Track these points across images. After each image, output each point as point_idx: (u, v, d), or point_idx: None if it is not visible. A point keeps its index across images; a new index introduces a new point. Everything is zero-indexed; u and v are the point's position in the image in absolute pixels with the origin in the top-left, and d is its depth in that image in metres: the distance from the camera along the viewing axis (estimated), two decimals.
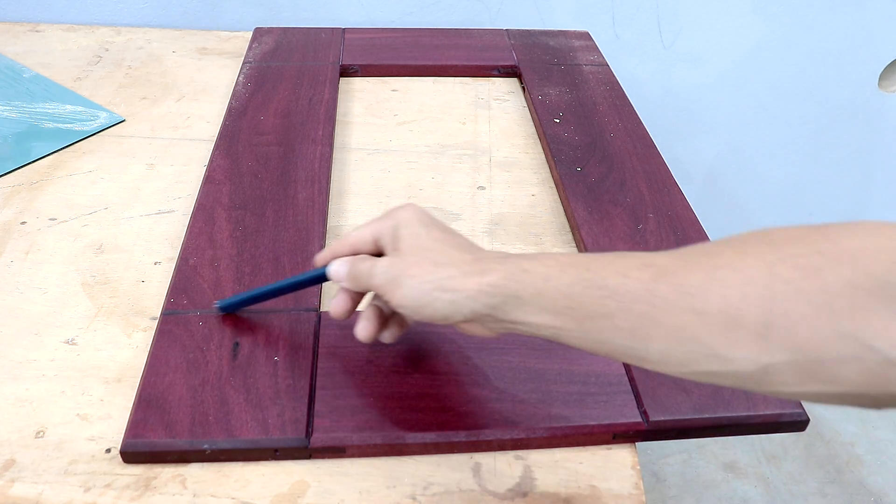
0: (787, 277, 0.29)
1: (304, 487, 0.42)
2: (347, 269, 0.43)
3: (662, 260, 0.33)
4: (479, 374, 0.47)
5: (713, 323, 0.31)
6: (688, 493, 1.18)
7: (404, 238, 0.41)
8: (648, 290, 0.32)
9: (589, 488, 0.43)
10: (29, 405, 0.46)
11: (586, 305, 0.34)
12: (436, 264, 0.39)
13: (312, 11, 1.02)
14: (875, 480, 1.21)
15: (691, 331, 0.31)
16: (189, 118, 0.77)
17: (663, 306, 0.32)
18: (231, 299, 0.50)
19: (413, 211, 0.42)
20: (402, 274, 0.39)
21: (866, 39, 1.09)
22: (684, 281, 0.32)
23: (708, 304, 0.31)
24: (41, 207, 0.63)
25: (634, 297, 0.33)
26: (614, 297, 0.33)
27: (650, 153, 0.71)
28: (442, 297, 0.38)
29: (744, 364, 0.30)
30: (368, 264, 0.42)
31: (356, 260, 0.43)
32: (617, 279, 0.33)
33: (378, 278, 0.41)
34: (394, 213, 0.43)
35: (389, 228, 0.42)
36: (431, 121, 0.79)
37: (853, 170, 1.25)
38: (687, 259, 0.33)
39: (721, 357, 0.31)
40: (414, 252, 0.40)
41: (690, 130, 1.18)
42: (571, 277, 0.35)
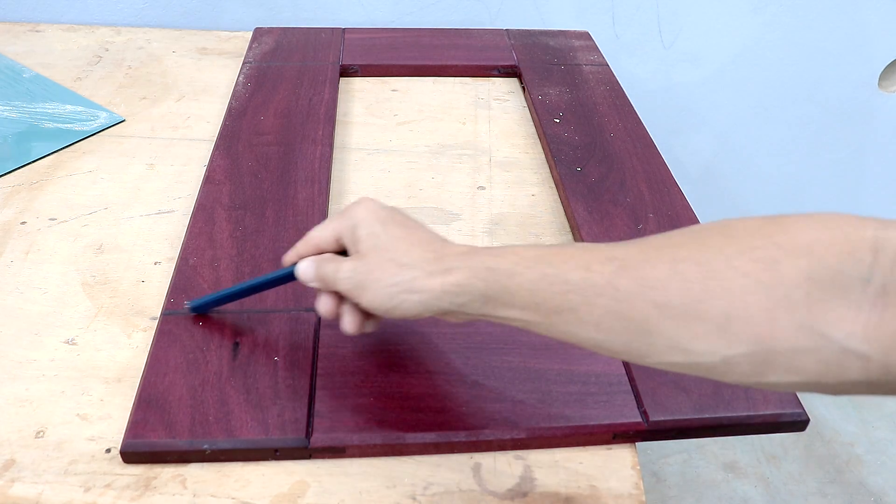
0: (745, 270, 0.30)
1: (304, 487, 0.42)
2: (314, 271, 0.43)
3: (625, 252, 0.34)
4: (479, 374, 0.47)
5: (675, 316, 0.31)
6: (688, 493, 1.18)
7: (363, 239, 0.41)
8: (611, 284, 0.33)
9: (589, 488, 0.43)
10: (29, 405, 0.46)
11: (551, 300, 0.34)
12: (399, 265, 0.39)
13: (312, 11, 1.02)
14: (875, 480, 1.21)
15: (654, 324, 0.32)
16: (189, 118, 0.77)
17: (626, 300, 0.32)
18: (202, 299, 0.50)
19: (369, 208, 0.42)
20: (365, 278, 0.39)
21: (866, 39, 1.09)
22: (646, 274, 0.32)
23: (670, 297, 0.31)
24: (41, 207, 0.63)
25: (597, 292, 0.33)
26: (577, 292, 0.34)
27: (650, 153, 0.71)
28: (409, 298, 0.38)
29: (706, 356, 0.31)
30: (333, 267, 0.41)
31: (321, 261, 0.43)
32: (579, 273, 0.34)
33: (343, 283, 0.41)
34: (351, 211, 0.42)
35: (348, 228, 0.42)
36: (431, 121, 0.79)
37: (852, 169, 1.25)
38: (649, 252, 0.33)
39: (683, 349, 0.31)
40: (375, 253, 0.40)
41: (690, 130, 1.18)
42: (535, 273, 0.35)
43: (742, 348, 0.30)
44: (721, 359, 0.30)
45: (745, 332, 0.30)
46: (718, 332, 0.30)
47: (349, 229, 0.42)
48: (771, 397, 0.46)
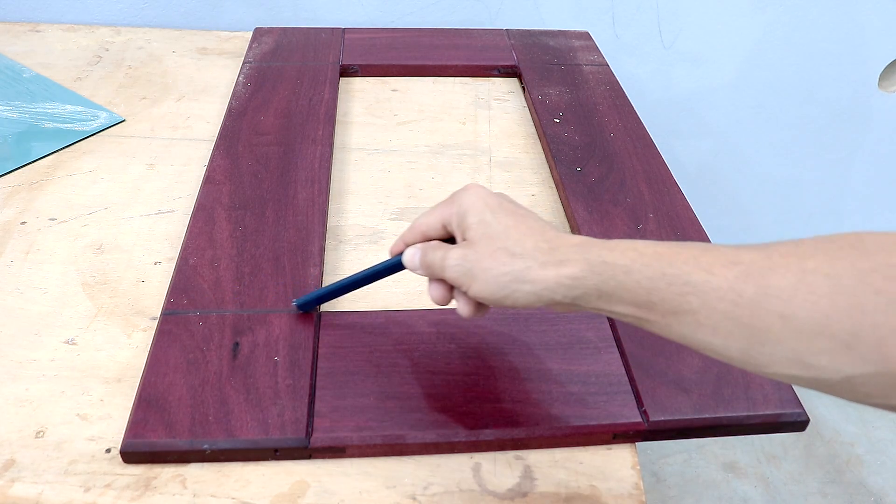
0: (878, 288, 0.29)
1: (304, 487, 0.42)
2: (420, 258, 0.42)
3: (749, 257, 0.32)
4: (479, 374, 0.47)
5: (799, 329, 0.30)
6: (688, 493, 1.18)
7: (472, 227, 0.40)
8: (734, 289, 0.32)
9: (589, 488, 0.43)
10: (29, 405, 0.46)
11: (669, 301, 0.33)
12: (511, 254, 0.38)
13: (312, 11, 1.02)
14: (875, 480, 1.21)
15: (776, 334, 0.30)
16: (189, 118, 0.77)
17: (748, 307, 0.31)
18: (307, 297, 0.50)
19: (478, 194, 0.41)
20: (475, 266, 0.39)
21: (866, 39, 1.09)
22: (771, 282, 0.31)
23: (795, 308, 0.30)
24: (41, 207, 0.63)
25: (719, 296, 0.32)
26: (698, 294, 0.33)
27: (650, 153, 0.71)
28: (521, 288, 0.37)
29: (827, 372, 0.30)
30: (440, 254, 0.41)
31: (427, 248, 0.42)
32: (701, 275, 0.33)
33: (451, 271, 0.40)
34: (459, 198, 0.41)
35: (456, 215, 0.41)
36: (431, 121, 0.79)
37: (853, 170, 1.25)
38: (775, 258, 0.32)
39: (804, 363, 0.30)
40: (485, 241, 0.39)
41: (690, 130, 1.18)
42: (654, 271, 0.34)
43: (868, 368, 0.29)
44: (844, 377, 0.29)
45: (874, 352, 0.28)
46: (844, 349, 0.29)
47: (457, 216, 0.41)
48: (771, 397, 0.46)
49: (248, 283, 0.53)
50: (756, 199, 1.29)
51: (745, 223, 1.32)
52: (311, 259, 0.56)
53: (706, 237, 0.61)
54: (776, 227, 1.33)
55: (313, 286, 0.53)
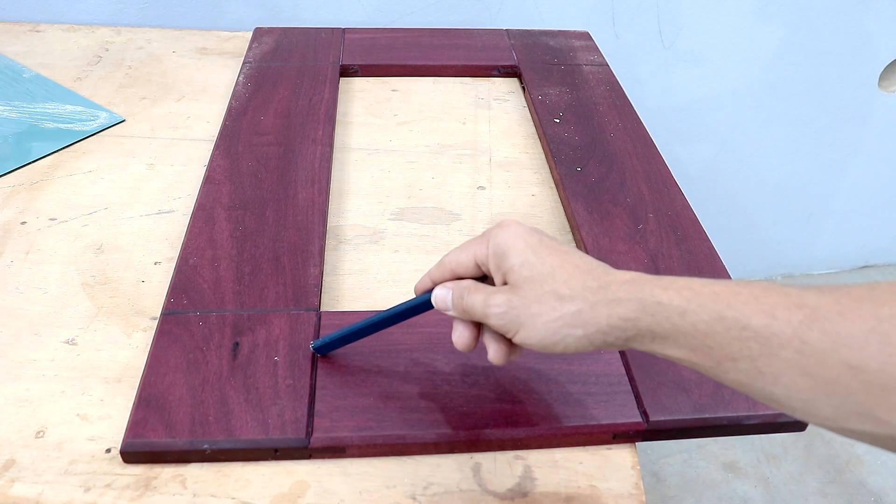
0: None
1: (304, 487, 0.42)
2: (453, 300, 0.40)
3: (817, 300, 0.30)
4: (479, 374, 0.47)
5: (872, 382, 0.27)
6: (688, 493, 1.18)
7: (515, 269, 0.37)
8: (798, 337, 0.29)
9: (589, 488, 0.43)
10: (29, 405, 0.46)
11: (726, 346, 0.31)
12: (560, 298, 0.36)
13: (312, 11, 1.02)
14: (875, 480, 1.21)
15: (844, 386, 0.28)
16: (189, 118, 0.77)
17: (814, 356, 0.29)
18: (326, 339, 0.47)
19: (516, 233, 0.38)
20: (522, 313, 0.36)
21: (866, 40, 1.09)
22: (841, 330, 0.28)
23: (868, 359, 0.27)
24: (41, 207, 0.63)
25: (781, 343, 0.29)
26: (758, 340, 0.30)
27: (650, 153, 0.71)
28: (573, 333, 0.35)
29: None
30: (480, 298, 0.38)
31: (464, 290, 0.40)
32: (762, 319, 0.30)
33: (495, 318, 0.38)
34: (495, 236, 0.39)
35: (494, 255, 0.38)
36: (431, 121, 0.79)
37: (853, 170, 1.25)
38: (845, 303, 0.29)
39: (876, 419, 0.28)
40: (531, 285, 0.36)
41: (690, 130, 1.18)
42: (710, 314, 0.32)
43: None
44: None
45: None
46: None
47: (495, 256, 0.38)
48: None
49: (248, 283, 0.53)
50: (756, 199, 1.29)
51: (745, 223, 1.32)
52: (311, 259, 0.56)
53: (706, 237, 0.61)
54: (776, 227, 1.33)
55: (313, 286, 0.53)
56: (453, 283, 0.41)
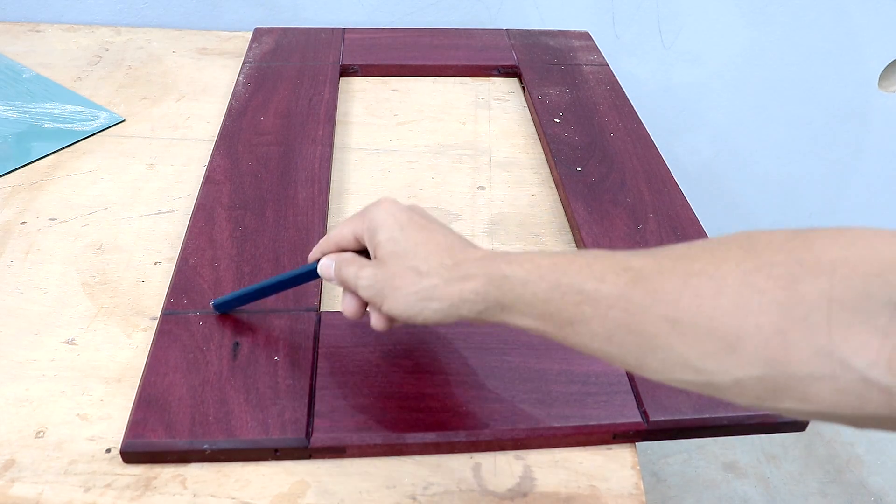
0: (761, 287, 0.28)
1: (304, 487, 0.42)
2: (334, 271, 0.43)
3: (641, 262, 0.32)
4: (479, 374, 0.47)
5: (686, 333, 0.29)
6: (688, 493, 1.18)
7: (383, 244, 0.40)
8: (624, 297, 0.31)
9: (589, 488, 0.43)
10: (29, 405, 0.46)
11: (564, 311, 0.34)
12: (418, 273, 0.38)
13: (312, 11, 1.02)
14: (875, 480, 1.21)
15: (664, 339, 0.30)
16: (189, 118, 0.77)
17: (638, 313, 0.31)
18: (226, 297, 0.50)
19: (388, 210, 0.41)
20: (386, 285, 0.39)
21: (866, 39, 1.09)
22: (659, 287, 0.31)
23: (681, 312, 0.30)
24: (41, 207, 0.63)
25: (609, 304, 0.32)
26: (590, 303, 0.32)
27: (650, 153, 0.71)
28: (429, 306, 0.38)
29: (717, 376, 0.29)
30: (353, 271, 0.41)
31: (342, 262, 0.43)
32: (593, 284, 0.33)
33: (363, 290, 0.41)
34: (370, 213, 0.42)
35: (367, 230, 0.42)
36: (431, 121, 0.79)
37: (853, 170, 1.25)
38: (663, 263, 0.32)
39: (694, 367, 0.30)
40: (395, 260, 0.39)
41: (690, 130, 1.18)
42: (549, 283, 0.34)
43: (754, 371, 0.28)
44: (733, 380, 0.29)
45: (758, 353, 0.28)
46: (729, 351, 0.28)
47: (368, 231, 0.41)
48: None
49: (249, 283, 0.53)
50: (756, 199, 1.29)
51: (745, 223, 1.32)
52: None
53: (706, 237, 0.61)
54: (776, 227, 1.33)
55: (313, 286, 0.53)
56: (336, 255, 0.44)
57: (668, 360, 0.30)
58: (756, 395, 0.29)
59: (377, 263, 0.40)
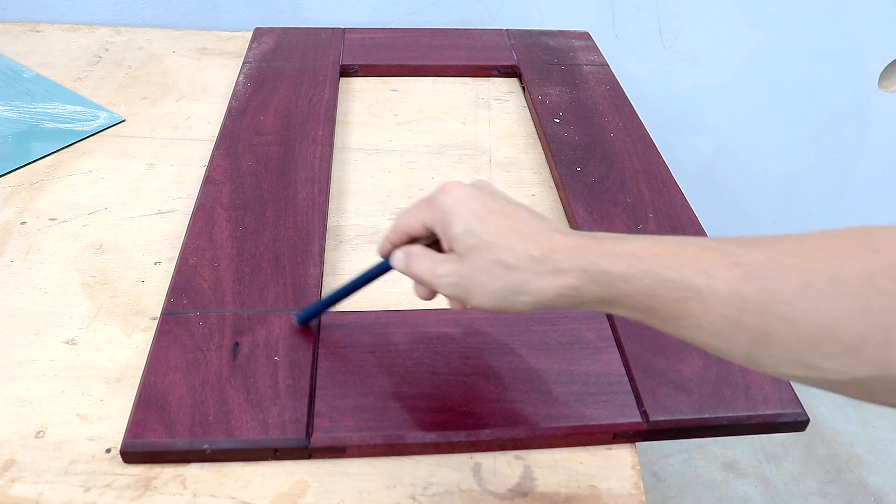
0: (885, 289, 0.28)
1: (304, 487, 0.42)
2: (405, 265, 0.41)
3: (751, 257, 0.31)
4: (479, 374, 0.47)
5: (804, 333, 0.29)
6: (688, 493, 1.18)
7: (460, 238, 0.38)
8: (737, 294, 0.31)
9: (589, 488, 0.43)
10: (29, 405, 0.46)
11: (670, 307, 0.33)
12: (505, 267, 0.36)
13: (312, 11, 1.02)
14: (875, 480, 1.21)
15: (780, 338, 0.30)
16: (189, 118, 0.77)
17: (752, 312, 0.30)
18: (306, 310, 0.49)
19: (458, 198, 0.38)
20: (469, 282, 0.37)
21: (866, 40, 1.09)
22: (775, 286, 0.30)
23: (800, 313, 0.29)
24: (41, 207, 0.63)
25: (721, 301, 0.31)
26: (699, 300, 0.31)
27: (650, 153, 0.71)
28: (521, 300, 0.36)
29: (834, 374, 0.29)
30: (427, 266, 0.39)
31: (413, 257, 0.41)
32: (701, 279, 0.31)
33: (444, 288, 0.39)
34: (438, 202, 0.39)
35: (439, 223, 0.39)
36: (431, 121, 0.79)
37: (853, 170, 1.25)
38: (778, 259, 0.31)
39: (809, 365, 0.29)
40: (476, 254, 0.37)
41: (690, 130, 1.18)
42: (653, 278, 0.33)
43: (875, 371, 0.28)
44: (851, 379, 0.29)
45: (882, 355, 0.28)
46: (851, 353, 0.28)
47: (440, 224, 0.39)
48: (771, 397, 0.46)
49: (248, 283, 0.53)
50: (756, 199, 1.29)
51: (745, 223, 1.32)
52: (311, 259, 0.56)
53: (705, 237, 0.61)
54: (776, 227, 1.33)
55: (313, 286, 0.53)
56: (405, 248, 0.42)
57: (782, 358, 0.30)
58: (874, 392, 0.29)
59: (456, 258, 0.38)
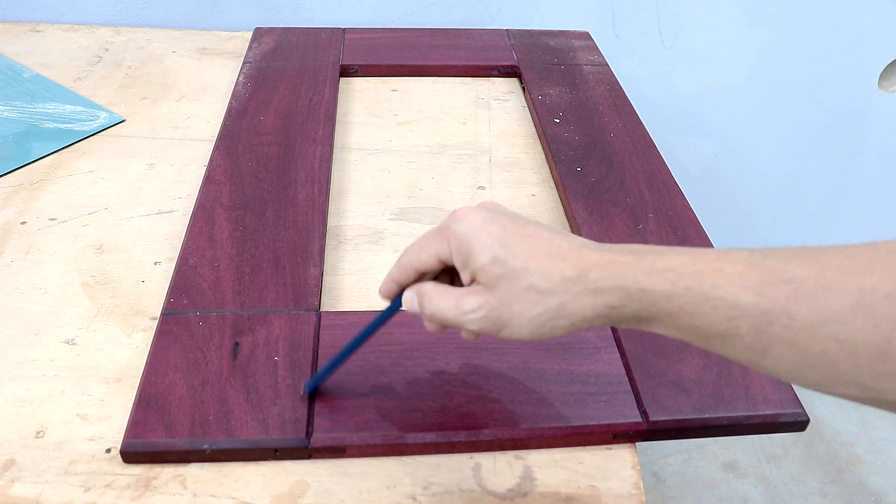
0: None
1: (304, 487, 0.42)
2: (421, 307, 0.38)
3: (801, 273, 0.30)
4: (479, 374, 0.47)
5: (858, 353, 0.28)
6: (688, 493, 1.18)
7: (486, 269, 0.35)
8: (786, 313, 0.29)
9: (589, 488, 0.43)
10: (29, 405, 0.46)
11: (715, 325, 0.31)
12: (539, 293, 0.34)
13: (312, 11, 1.02)
14: (875, 480, 1.21)
15: (831, 358, 0.29)
16: (189, 118, 0.77)
17: (803, 331, 0.29)
18: (316, 376, 0.45)
19: (475, 225, 0.36)
20: (503, 313, 0.35)
21: (866, 40, 1.09)
22: (827, 304, 0.28)
23: (854, 333, 0.28)
24: (41, 207, 0.63)
25: (770, 320, 0.30)
26: (746, 319, 0.30)
27: (650, 153, 0.71)
28: (559, 324, 0.35)
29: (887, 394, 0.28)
30: (449, 304, 0.37)
31: (427, 296, 0.38)
32: (749, 297, 0.30)
33: (473, 324, 0.36)
34: (453, 233, 0.37)
35: (458, 254, 0.36)
36: (431, 121, 0.79)
37: (853, 170, 1.25)
38: (828, 276, 0.29)
39: (862, 385, 0.29)
40: (506, 283, 0.35)
41: (690, 130, 1.18)
42: (697, 296, 0.31)
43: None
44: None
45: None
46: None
47: (460, 255, 0.36)
48: (771, 397, 0.46)
49: (248, 283, 0.53)
50: (756, 199, 1.29)
51: (745, 223, 1.32)
52: (311, 259, 0.56)
53: (706, 237, 0.61)
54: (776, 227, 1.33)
55: (313, 286, 0.53)
56: (415, 287, 0.39)
57: (832, 377, 0.29)
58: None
59: (482, 290, 0.36)
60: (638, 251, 0.34)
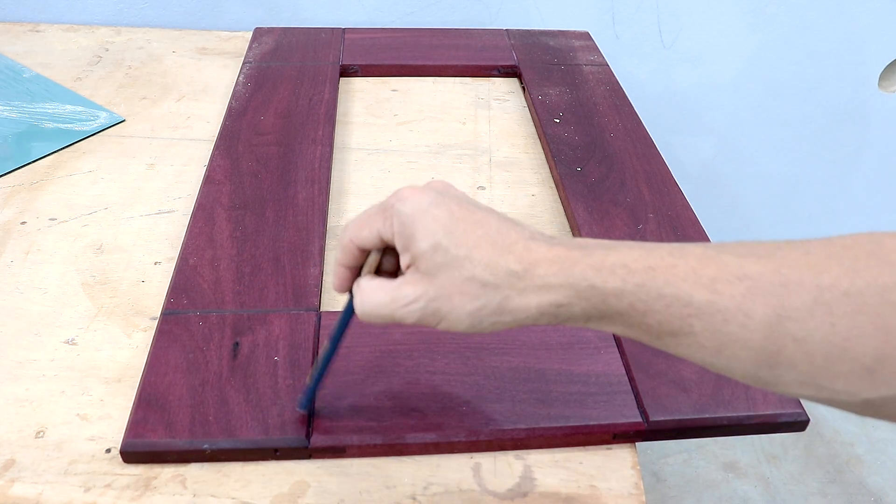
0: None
1: (304, 487, 0.42)
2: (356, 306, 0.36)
3: (757, 269, 0.29)
4: (479, 374, 0.47)
5: (815, 352, 0.27)
6: (688, 493, 1.18)
7: (426, 255, 0.33)
8: (742, 310, 0.28)
9: (589, 488, 0.43)
10: (29, 405, 0.46)
11: (667, 324, 0.30)
12: (482, 285, 0.32)
13: (312, 11, 1.02)
14: (875, 480, 1.21)
15: (787, 357, 0.28)
16: (189, 118, 0.77)
17: (758, 329, 0.28)
18: (307, 393, 0.43)
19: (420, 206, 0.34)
20: (442, 305, 0.33)
21: (866, 40, 1.09)
22: (784, 302, 0.28)
23: (811, 332, 0.27)
24: (41, 207, 0.63)
25: (724, 318, 0.28)
26: (700, 317, 0.29)
27: (650, 153, 0.71)
28: (500, 319, 0.33)
29: (844, 395, 0.27)
30: (384, 298, 0.34)
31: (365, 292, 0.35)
32: (703, 294, 0.29)
33: (411, 317, 0.34)
34: (396, 212, 0.34)
35: (399, 235, 0.34)
36: (431, 121, 0.79)
37: (853, 170, 1.25)
38: (786, 273, 0.28)
39: (818, 385, 0.28)
40: (446, 272, 0.33)
41: (690, 130, 1.18)
42: (649, 294, 0.30)
43: (888, 391, 0.26)
44: (863, 400, 0.27)
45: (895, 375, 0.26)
46: (865, 373, 0.26)
47: (401, 237, 0.34)
48: (771, 397, 0.46)
49: (248, 283, 0.53)
50: (756, 199, 1.29)
51: (745, 223, 1.32)
52: (311, 259, 0.56)
53: (706, 237, 0.61)
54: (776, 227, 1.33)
55: (313, 286, 0.53)
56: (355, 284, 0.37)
57: (788, 377, 0.28)
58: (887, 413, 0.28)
59: (420, 279, 0.33)
60: (588, 245, 0.33)
